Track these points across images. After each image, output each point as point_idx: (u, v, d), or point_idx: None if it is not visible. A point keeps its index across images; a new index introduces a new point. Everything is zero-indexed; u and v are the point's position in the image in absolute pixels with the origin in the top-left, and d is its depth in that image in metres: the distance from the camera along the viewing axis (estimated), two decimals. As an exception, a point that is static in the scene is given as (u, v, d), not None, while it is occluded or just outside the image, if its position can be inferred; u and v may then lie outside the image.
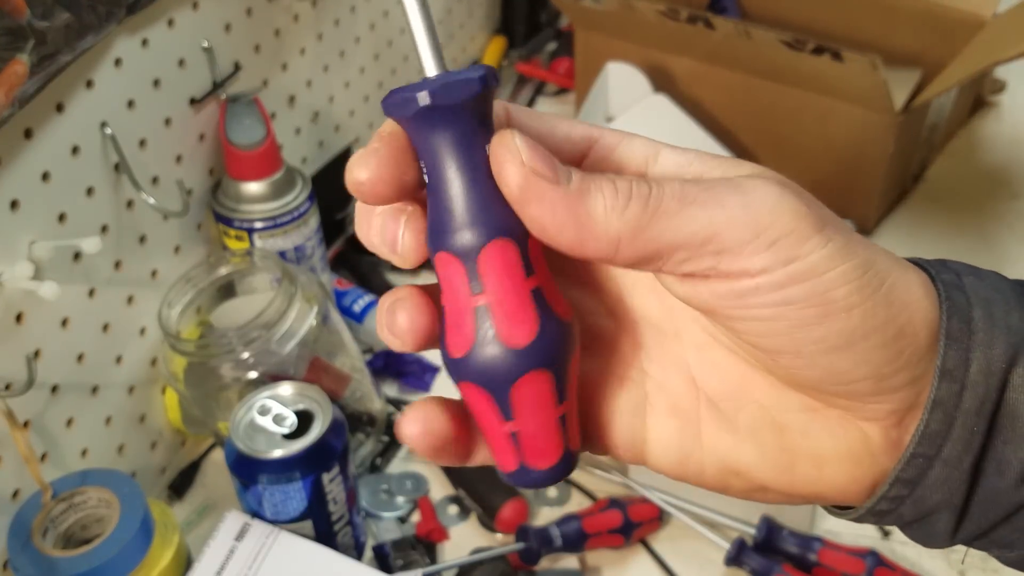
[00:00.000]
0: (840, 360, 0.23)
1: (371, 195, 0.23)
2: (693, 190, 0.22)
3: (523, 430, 0.24)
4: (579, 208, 0.22)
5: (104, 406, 0.60)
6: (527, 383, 0.23)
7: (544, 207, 0.22)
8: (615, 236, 0.22)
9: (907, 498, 0.25)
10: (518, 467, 0.24)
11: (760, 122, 0.85)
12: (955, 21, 0.87)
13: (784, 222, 0.22)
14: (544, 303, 0.23)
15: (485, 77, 0.23)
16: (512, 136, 0.22)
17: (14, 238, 0.51)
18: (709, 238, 0.22)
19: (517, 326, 0.23)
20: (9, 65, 0.46)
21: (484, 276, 0.23)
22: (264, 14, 0.68)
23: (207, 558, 0.53)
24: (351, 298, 0.76)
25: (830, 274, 0.22)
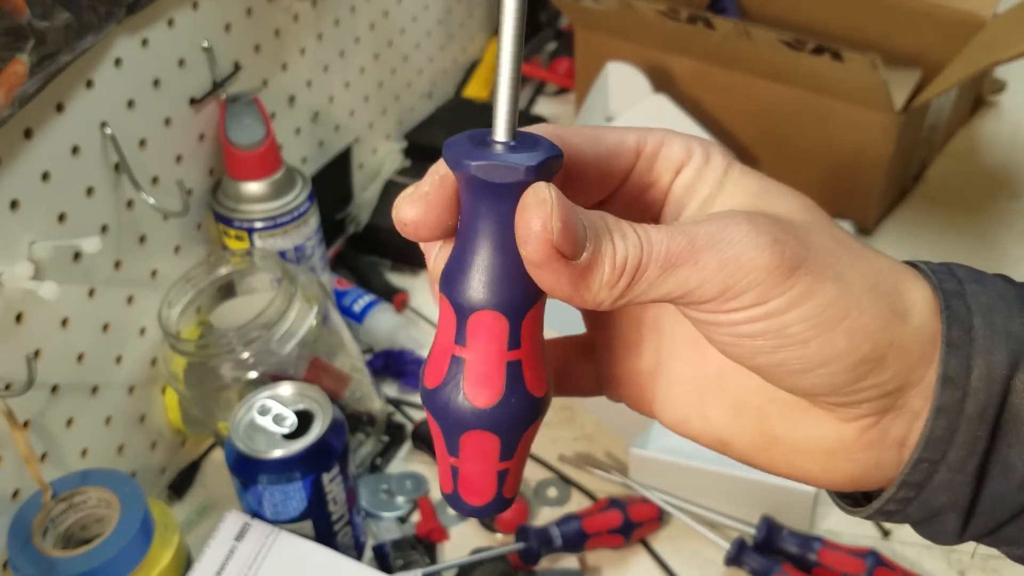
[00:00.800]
0: (801, 380, 0.25)
1: (414, 235, 0.25)
2: (676, 249, 0.24)
3: (462, 469, 0.26)
4: (581, 282, 0.24)
5: (104, 406, 0.60)
6: (475, 437, 0.25)
7: (552, 278, 0.23)
8: (600, 302, 0.24)
9: (914, 500, 0.26)
10: (452, 492, 0.26)
11: (760, 122, 0.85)
12: (955, 21, 0.87)
13: (752, 277, 0.23)
14: (518, 376, 0.25)
15: (539, 167, 0.23)
16: (546, 194, 0.23)
17: (14, 238, 0.51)
18: (684, 295, 0.24)
19: (481, 389, 0.24)
20: (9, 65, 0.46)
21: (470, 335, 0.24)
22: (264, 14, 0.68)
23: (207, 558, 0.53)
24: (351, 298, 0.76)
25: (787, 315, 0.24)
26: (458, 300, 0.24)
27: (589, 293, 0.24)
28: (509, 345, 0.24)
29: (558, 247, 0.23)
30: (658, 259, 0.24)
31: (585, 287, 0.24)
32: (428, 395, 0.25)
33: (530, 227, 0.23)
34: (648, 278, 0.24)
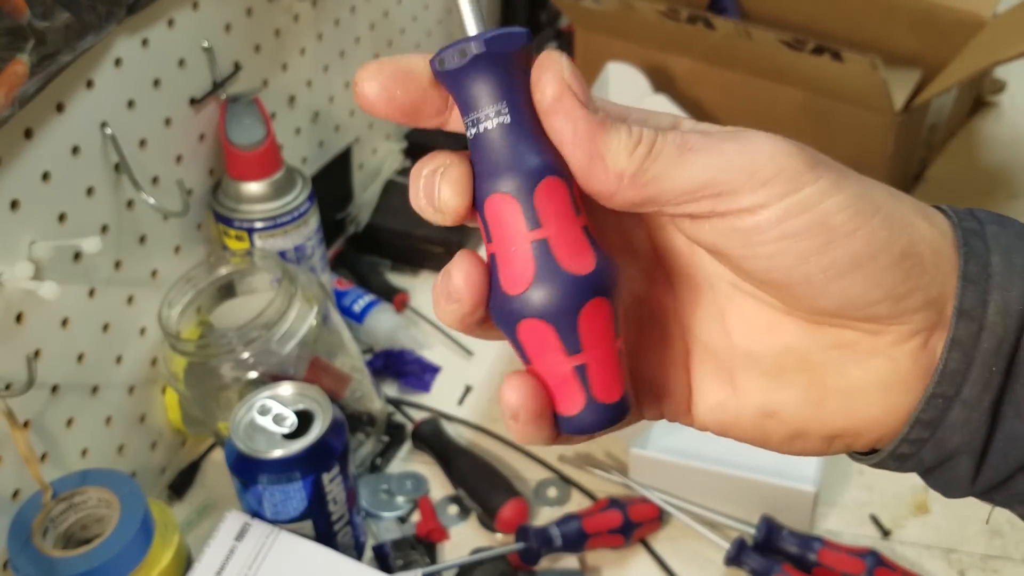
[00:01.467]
0: (852, 284, 0.24)
1: (373, 108, 0.24)
2: (693, 138, 0.24)
3: (590, 361, 0.24)
4: (597, 136, 0.23)
5: (104, 406, 0.60)
6: (591, 311, 0.23)
7: (569, 122, 0.23)
8: (619, 173, 0.24)
9: (927, 441, 0.25)
10: (585, 404, 0.24)
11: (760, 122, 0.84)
12: (955, 21, 0.87)
13: (777, 162, 0.23)
14: (592, 238, 0.24)
15: (528, 33, 0.24)
16: (559, 54, 0.24)
17: (14, 238, 0.51)
18: (706, 183, 0.23)
19: (578, 255, 0.23)
20: (9, 65, 0.46)
21: (541, 212, 0.23)
22: (264, 14, 0.68)
23: (207, 558, 0.53)
24: (351, 298, 0.76)
25: (826, 203, 0.23)
26: (516, 183, 0.23)
27: (607, 157, 0.23)
28: (575, 210, 0.24)
29: (568, 81, 0.23)
30: (675, 140, 0.24)
31: (602, 144, 0.23)
32: (523, 299, 0.23)
33: (543, 66, 0.24)
34: (668, 156, 0.23)
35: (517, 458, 0.67)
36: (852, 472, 0.66)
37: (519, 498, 0.62)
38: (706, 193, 0.23)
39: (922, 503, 0.64)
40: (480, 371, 0.74)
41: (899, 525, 0.62)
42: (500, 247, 0.24)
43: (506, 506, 0.61)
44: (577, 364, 0.24)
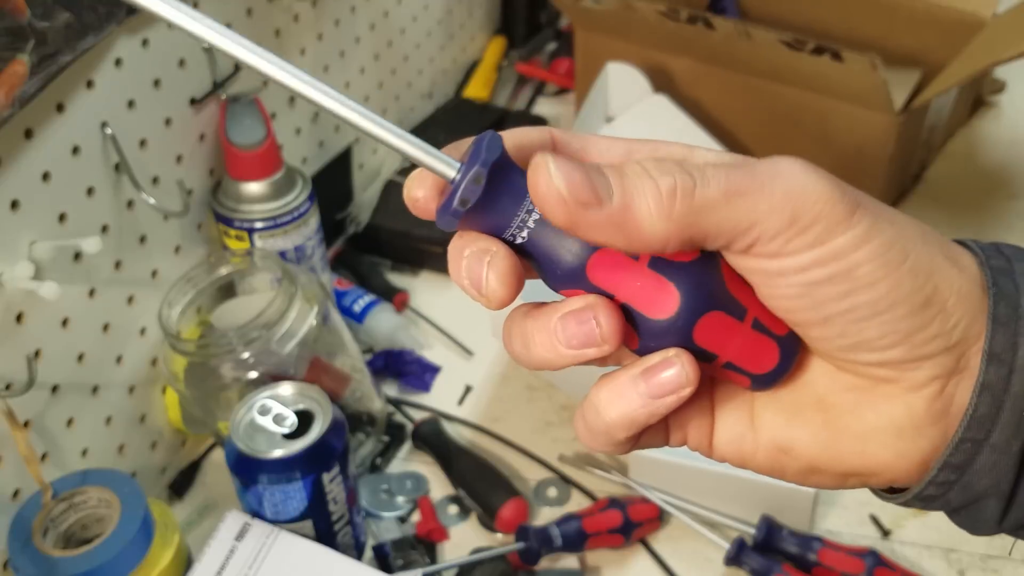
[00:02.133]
0: (868, 328, 0.24)
1: (426, 212, 0.25)
2: (736, 178, 0.23)
3: (758, 314, 0.25)
4: (626, 222, 0.23)
5: (104, 406, 0.60)
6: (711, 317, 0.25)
7: (593, 231, 0.23)
8: (663, 237, 0.23)
9: (955, 484, 0.25)
10: (780, 357, 0.25)
11: (760, 122, 0.85)
12: (955, 21, 0.87)
13: (818, 209, 0.23)
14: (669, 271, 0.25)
15: (492, 131, 0.24)
16: (547, 167, 0.23)
17: (14, 238, 0.51)
18: (752, 225, 0.23)
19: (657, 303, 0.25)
20: (9, 65, 0.46)
21: (603, 283, 0.25)
22: (264, 14, 0.68)
23: (207, 558, 0.53)
24: (351, 298, 0.76)
25: (855, 255, 0.23)
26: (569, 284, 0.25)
27: (642, 231, 0.23)
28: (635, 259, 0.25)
29: (574, 197, 0.22)
30: (719, 184, 0.23)
31: (635, 226, 0.23)
32: (682, 312, 0.24)
33: (538, 192, 0.23)
34: (714, 204, 0.23)
35: (517, 458, 0.68)
36: (852, 472, 0.66)
37: (519, 498, 0.62)
38: (751, 234, 0.23)
39: (922, 503, 0.64)
40: (480, 371, 0.74)
41: (899, 525, 0.62)
42: (631, 296, 0.25)
43: (506, 506, 0.61)
44: (751, 321, 0.25)
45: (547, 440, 0.69)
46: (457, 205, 0.24)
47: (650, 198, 0.23)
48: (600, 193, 0.23)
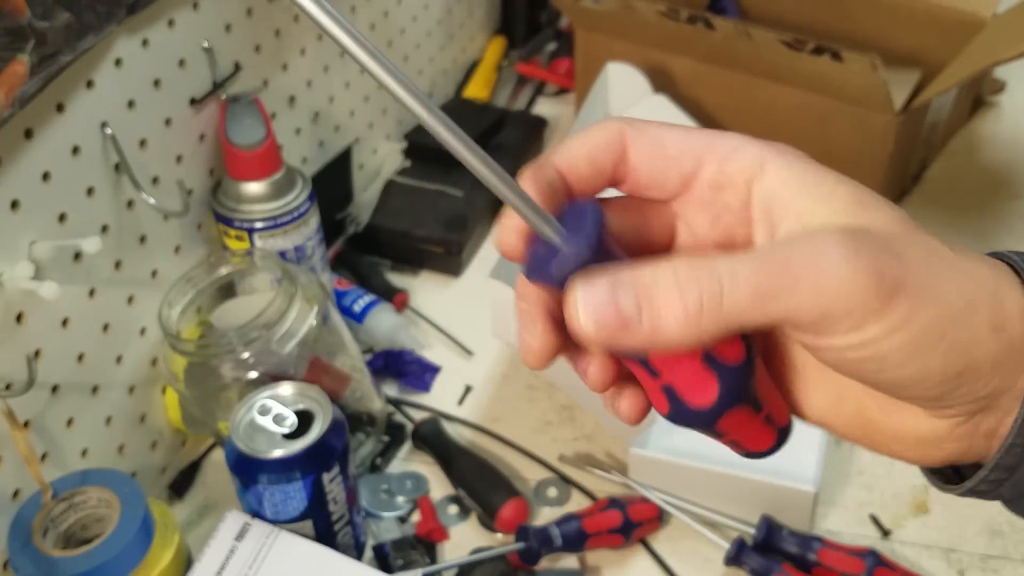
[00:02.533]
0: (898, 393, 0.26)
1: (513, 257, 0.26)
2: (767, 280, 0.24)
3: (771, 410, 0.28)
4: (656, 339, 0.24)
5: (104, 406, 0.60)
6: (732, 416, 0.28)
7: (628, 346, 0.24)
8: (694, 343, 0.24)
9: (1006, 481, 0.27)
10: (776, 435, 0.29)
11: (760, 122, 0.85)
12: (955, 21, 0.87)
13: (851, 300, 0.23)
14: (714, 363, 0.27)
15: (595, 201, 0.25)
16: (575, 307, 0.24)
17: (14, 238, 0.51)
18: (783, 320, 0.24)
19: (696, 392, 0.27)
20: (9, 65, 0.46)
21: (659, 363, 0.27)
22: (264, 14, 0.68)
23: (207, 558, 0.53)
24: (351, 298, 0.76)
25: (887, 342, 0.24)
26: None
27: (671, 342, 0.24)
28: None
29: (603, 331, 0.24)
30: (748, 285, 0.24)
31: (665, 339, 0.24)
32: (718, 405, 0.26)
33: (571, 327, 0.25)
34: (743, 308, 0.24)
35: (517, 458, 0.68)
36: (852, 472, 0.66)
37: (519, 498, 0.62)
38: (779, 324, 0.24)
39: (922, 503, 0.64)
40: (480, 371, 0.74)
41: (899, 525, 0.63)
42: (677, 382, 0.26)
43: (506, 506, 0.61)
44: (765, 415, 0.28)
45: (547, 440, 0.69)
46: (556, 277, 0.25)
47: (678, 314, 0.24)
48: (629, 318, 0.24)
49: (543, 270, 0.25)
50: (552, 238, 0.25)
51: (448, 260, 0.83)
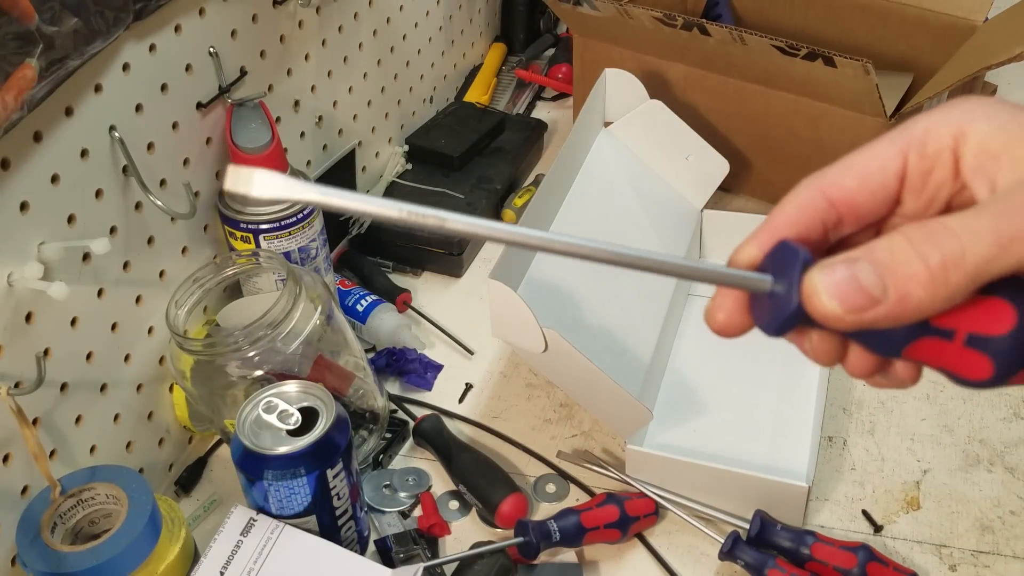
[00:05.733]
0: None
1: (730, 331, 0.27)
2: (1005, 224, 0.23)
3: None
4: (906, 310, 0.24)
5: (112, 404, 0.61)
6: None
7: (879, 324, 0.24)
8: (947, 303, 0.24)
9: None
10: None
11: (753, 126, 0.86)
12: (946, 26, 0.88)
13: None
14: None
15: (798, 247, 0.25)
16: (819, 294, 0.24)
17: (24, 239, 0.51)
18: (1012, 240, 0.23)
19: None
20: (19, 69, 0.47)
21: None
22: (269, 20, 0.69)
23: (213, 552, 0.54)
24: (354, 298, 0.77)
25: None
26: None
27: (924, 309, 0.24)
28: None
29: (851, 310, 0.24)
30: (986, 240, 0.23)
31: (915, 308, 0.24)
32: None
33: (818, 316, 0.24)
34: (981, 258, 0.23)
35: (517, 454, 0.69)
36: (844, 468, 0.67)
37: (518, 493, 0.63)
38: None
39: (913, 499, 0.65)
40: (480, 369, 0.75)
41: (891, 521, 0.63)
42: (948, 366, 0.26)
43: (506, 501, 0.62)
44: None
45: (546, 437, 0.70)
46: (786, 322, 0.25)
47: (923, 277, 0.23)
48: (874, 295, 0.24)
49: (776, 321, 0.25)
50: (763, 288, 0.25)
51: (449, 261, 0.84)
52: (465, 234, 0.24)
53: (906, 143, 0.26)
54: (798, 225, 0.26)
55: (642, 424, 0.63)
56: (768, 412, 0.69)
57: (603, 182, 0.77)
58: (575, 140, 0.75)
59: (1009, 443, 0.68)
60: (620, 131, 0.81)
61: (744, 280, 0.25)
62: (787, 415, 0.69)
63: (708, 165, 0.81)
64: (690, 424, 0.69)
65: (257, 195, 0.23)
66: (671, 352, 0.74)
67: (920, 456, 0.68)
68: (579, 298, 0.68)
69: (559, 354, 0.59)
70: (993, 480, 0.65)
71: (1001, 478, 0.66)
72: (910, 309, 0.24)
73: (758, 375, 0.72)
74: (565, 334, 0.58)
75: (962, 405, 0.71)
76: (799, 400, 0.70)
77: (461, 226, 0.24)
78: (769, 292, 0.25)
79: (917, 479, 0.66)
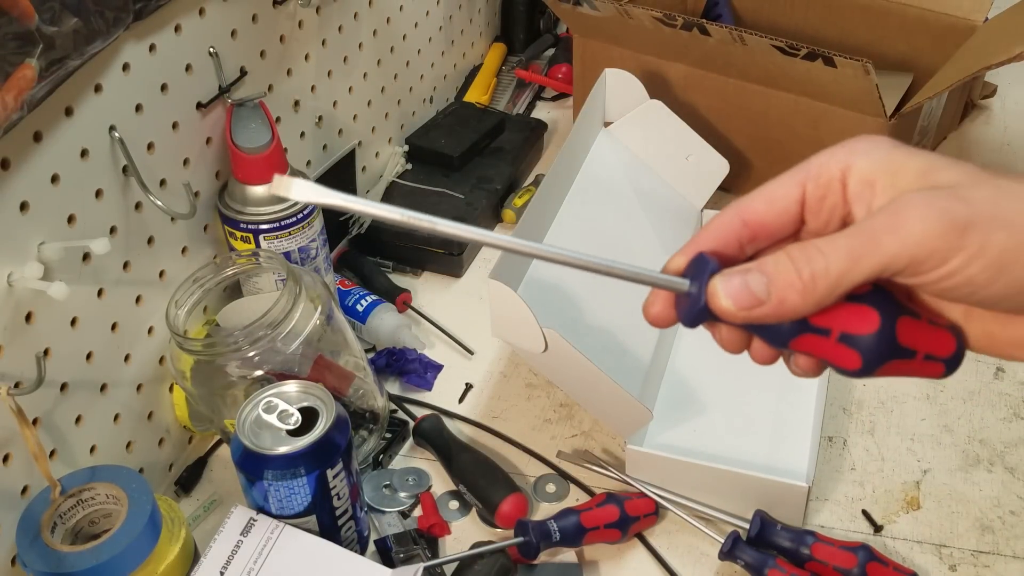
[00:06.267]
0: (996, 305, 0.30)
1: (661, 321, 0.33)
2: (857, 245, 0.29)
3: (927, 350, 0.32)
4: (784, 310, 0.30)
5: (112, 404, 0.61)
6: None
7: (761, 320, 0.31)
8: (816, 307, 0.30)
9: None
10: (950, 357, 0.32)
11: (753, 126, 0.86)
12: (946, 26, 0.89)
13: (932, 246, 0.28)
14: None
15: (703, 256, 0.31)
16: (717, 294, 0.31)
17: (24, 239, 0.52)
18: (883, 270, 0.29)
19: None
20: (19, 69, 0.47)
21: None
22: (269, 20, 0.70)
23: (213, 552, 0.54)
24: (354, 298, 0.77)
25: (969, 270, 0.29)
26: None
27: (798, 311, 0.30)
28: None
29: (741, 308, 0.30)
30: (843, 257, 0.29)
31: (791, 309, 0.30)
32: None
33: (717, 310, 0.31)
34: (844, 272, 0.29)
35: (516, 454, 0.69)
36: (844, 468, 0.67)
37: (518, 493, 0.63)
38: (883, 275, 0.29)
39: (913, 499, 0.65)
40: (480, 369, 0.75)
41: (890, 520, 0.63)
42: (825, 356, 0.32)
43: (506, 501, 0.62)
44: (922, 356, 0.32)
45: (546, 437, 0.70)
46: (695, 315, 0.31)
47: (797, 289, 0.30)
48: (760, 298, 0.30)
49: (689, 315, 0.31)
50: (682, 289, 0.31)
51: (449, 261, 0.84)
52: (457, 237, 0.29)
53: (804, 175, 0.32)
54: (717, 241, 0.32)
55: (642, 424, 0.63)
56: (768, 412, 0.69)
57: (603, 182, 0.77)
58: (575, 140, 0.75)
59: (1009, 443, 0.68)
60: (620, 131, 0.81)
61: (669, 283, 0.32)
62: (787, 415, 0.69)
63: (708, 165, 0.81)
64: (690, 424, 0.69)
65: (295, 199, 0.28)
66: (671, 352, 0.74)
67: (920, 456, 0.68)
68: (579, 298, 0.68)
69: (559, 354, 0.59)
70: (993, 480, 0.65)
71: (1001, 478, 0.66)
72: (787, 309, 0.30)
73: (758, 375, 0.72)
74: (565, 334, 0.58)
75: (962, 405, 0.71)
76: (799, 400, 0.70)
77: (452, 230, 0.29)
78: (687, 293, 0.31)
79: (917, 479, 0.66)
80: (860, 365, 0.30)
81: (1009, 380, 0.73)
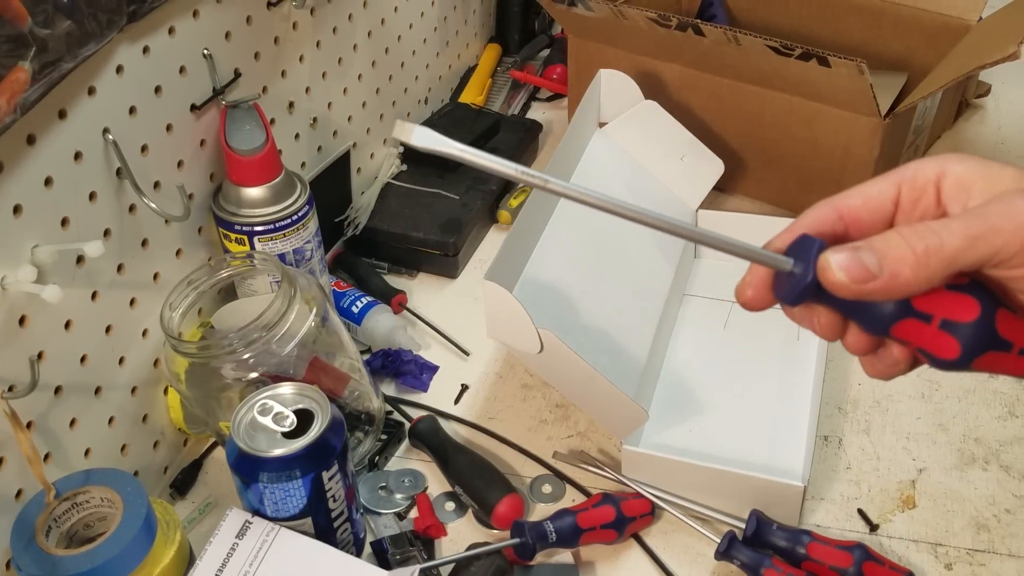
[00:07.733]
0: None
1: (756, 304, 0.34)
2: (974, 227, 0.30)
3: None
4: (896, 285, 0.31)
5: (107, 407, 0.61)
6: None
7: (874, 296, 0.31)
8: (927, 284, 0.31)
9: None
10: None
11: (748, 126, 0.86)
12: (940, 26, 0.89)
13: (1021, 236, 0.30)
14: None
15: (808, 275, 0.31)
16: (830, 266, 0.31)
17: (17, 242, 0.51)
18: (993, 255, 0.30)
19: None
20: (11, 72, 0.47)
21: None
22: (263, 22, 0.69)
23: (209, 555, 0.54)
24: (349, 299, 0.77)
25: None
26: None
27: (910, 287, 0.30)
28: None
29: (854, 281, 0.31)
30: (959, 236, 0.30)
31: (903, 285, 0.30)
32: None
33: (829, 284, 0.31)
34: (959, 251, 0.30)
35: (512, 455, 0.69)
36: (839, 467, 0.67)
37: (514, 494, 0.63)
38: (992, 260, 0.30)
39: (909, 498, 0.65)
40: (476, 371, 0.75)
41: (886, 520, 0.64)
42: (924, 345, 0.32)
43: (502, 502, 0.62)
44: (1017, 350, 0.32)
45: (542, 438, 0.70)
46: (798, 293, 0.32)
47: (910, 263, 0.30)
48: (872, 271, 0.31)
49: (795, 291, 0.32)
50: (786, 267, 0.32)
51: (445, 262, 0.84)
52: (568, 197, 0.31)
53: (900, 177, 0.34)
54: (812, 229, 0.33)
55: (638, 424, 0.63)
56: (764, 412, 0.69)
57: (598, 183, 0.78)
58: (570, 141, 0.75)
59: (1004, 441, 0.68)
60: (615, 131, 0.81)
61: (773, 260, 0.32)
62: (783, 415, 0.69)
63: (703, 165, 0.81)
64: (686, 424, 0.69)
65: (415, 144, 0.29)
66: (667, 352, 0.74)
67: (915, 455, 0.68)
68: (575, 299, 0.68)
69: (555, 355, 0.59)
70: (988, 478, 0.66)
71: (996, 476, 0.66)
72: (900, 284, 0.30)
73: (754, 375, 0.73)
74: (561, 335, 0.58)
75: (957, 404, 0.71)
76: (794, 399, 0.70)
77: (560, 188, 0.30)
78: (789, 271, 0.32)
79: (912, 478, 0.66)
80: (959, 354, 0.31)
81: (1004, 378, 0.73)
